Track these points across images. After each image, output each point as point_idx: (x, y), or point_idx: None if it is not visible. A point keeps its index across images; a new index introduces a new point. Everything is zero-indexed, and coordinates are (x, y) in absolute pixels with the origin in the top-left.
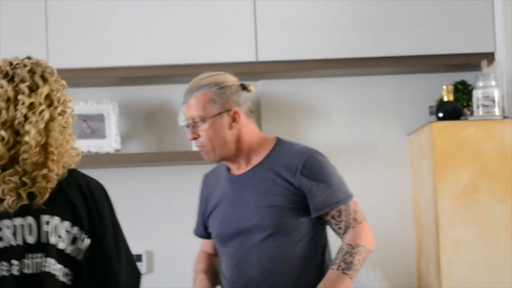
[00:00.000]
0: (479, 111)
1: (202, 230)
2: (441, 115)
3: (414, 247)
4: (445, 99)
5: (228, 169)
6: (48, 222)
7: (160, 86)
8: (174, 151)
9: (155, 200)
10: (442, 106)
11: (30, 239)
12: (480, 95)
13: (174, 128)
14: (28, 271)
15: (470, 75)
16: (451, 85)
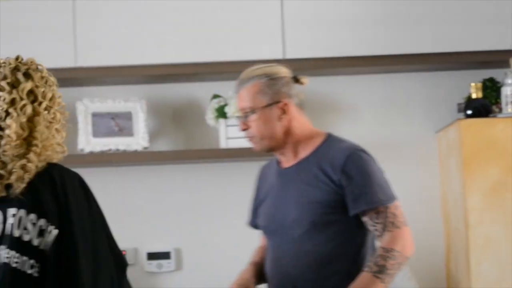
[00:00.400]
0: (508, 108)
1: (254, 221)
2: (469, 112)
3: (443, 245)
4: (473, 96)
5: (279, 161)
6: (14, 215)
7: (187, 84)
8: (201, 148)
9: (182, 198)
10: (470, 104)
11: None
12: (509, 92)
13: (202, 126)
14: None
15: (498, 72)
16: (480, 82)
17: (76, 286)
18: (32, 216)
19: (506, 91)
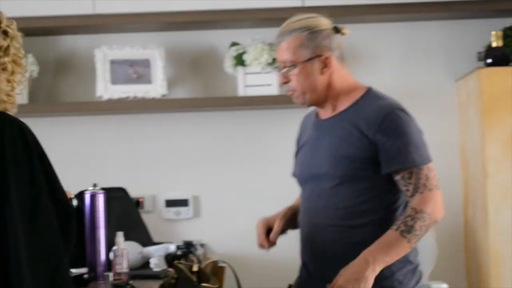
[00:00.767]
0: None
1: (294, 171)
2: (489, 61)
3: (461, 193)
4: (493, 45)
5: (317, 113)
6: None
7: (206, 31)
8: (219, 96)
9: (200, 146)
10: (490, 52)
11: None
12: None
13: (220, 74)
14: None
15: None
16: (500, 30)
17: (6, 232)
18: None
19: None
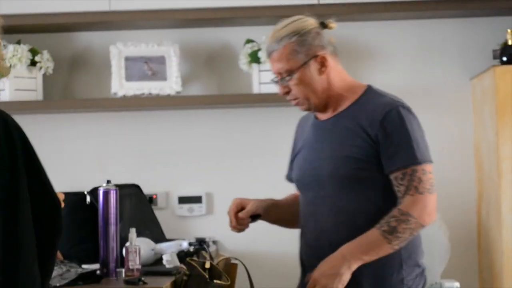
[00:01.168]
0: None
1: (290, 175)
2: (505, 59)
3: (475, 192)
4: (509, 42)
5: (316, 114)
6: None
7: (221, 28)
8: (234, 93)
9: (214, 143)
10: (506, 50)
11: None
12: None
13: (235, 71)
14: None
15: None
16: None
17: None
18: None
19: None
